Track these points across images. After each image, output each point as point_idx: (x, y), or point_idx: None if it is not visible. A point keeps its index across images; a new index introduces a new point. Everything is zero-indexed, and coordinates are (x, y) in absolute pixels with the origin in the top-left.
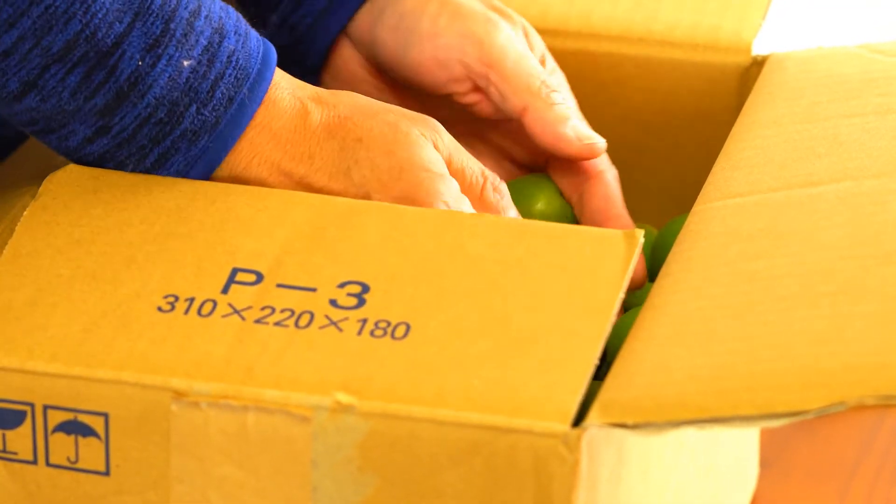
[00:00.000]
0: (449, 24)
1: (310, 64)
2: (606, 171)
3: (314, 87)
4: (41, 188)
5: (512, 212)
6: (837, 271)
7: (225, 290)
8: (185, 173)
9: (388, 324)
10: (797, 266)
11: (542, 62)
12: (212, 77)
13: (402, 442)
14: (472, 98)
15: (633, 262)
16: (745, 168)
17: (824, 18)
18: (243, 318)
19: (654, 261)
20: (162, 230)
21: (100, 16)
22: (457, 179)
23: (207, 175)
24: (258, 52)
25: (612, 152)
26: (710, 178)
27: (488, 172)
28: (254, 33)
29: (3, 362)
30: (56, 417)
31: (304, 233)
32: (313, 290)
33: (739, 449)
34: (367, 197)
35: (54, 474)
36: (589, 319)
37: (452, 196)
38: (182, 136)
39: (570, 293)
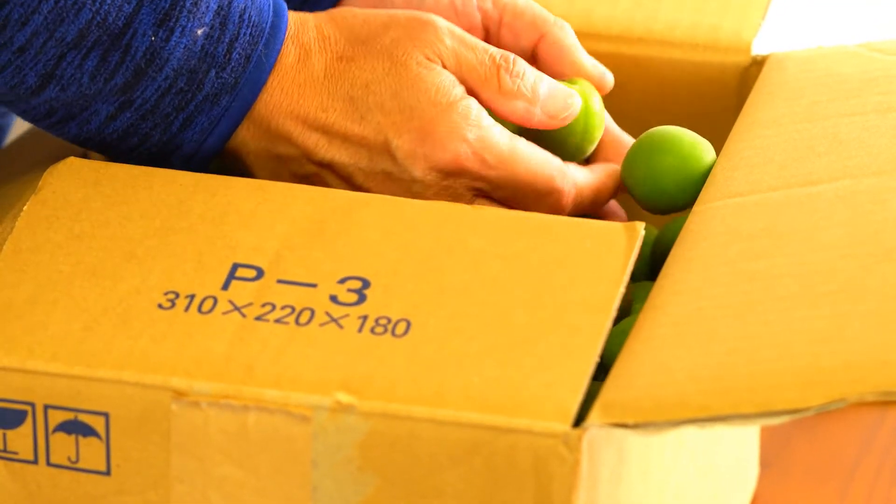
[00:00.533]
0: None
1: None
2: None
3: (314, 17)
4: (41, 181)
5: (543, 85)
6: (837, 270)
7: (225, 287)
8: (210, 132)
9: (389, 320)
10: (797, 265)
11: None
12: (227, 40)
13: (402, 442)
14: None
15: (634, 256)
16: (745, 168)
17: (824, 18)
18: (244, 315)
19: (654, 261)
20: (162, 224)
21: (109, 0)
22: (470, 78)
23: (232, 131)
24: (269, 6)
25: None
26: (710, 178)
27: (500, 57)
28: None
29: (3, 362)
30: (56, 417)
31: (304, 227)
32: (314, 285)
33: (739, 449)
34: (386, 140)
35: (55, 474)
36: (590, 315)
37: (471, 123)
38: (204, 100)
39: (570, 288)
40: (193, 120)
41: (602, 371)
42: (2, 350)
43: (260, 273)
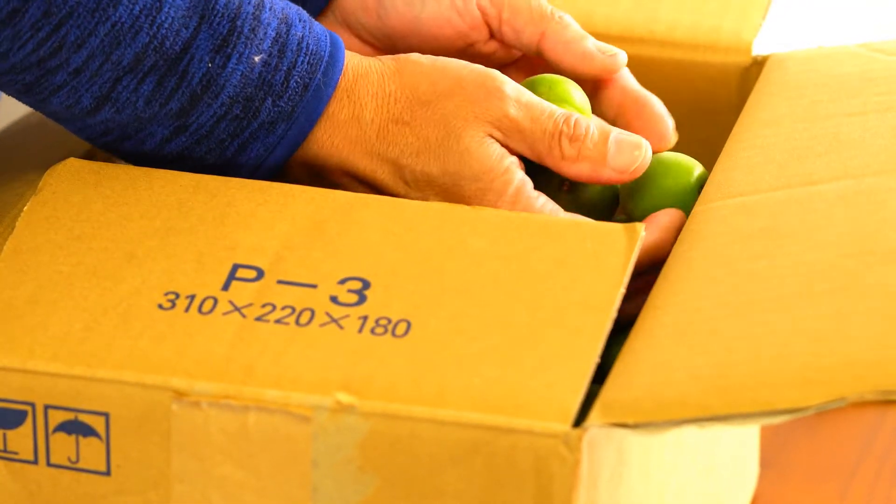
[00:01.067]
0: None
1: None
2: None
3: (380, 65)
4: (41, 182)
5: (610, 142)
6: (837, 269)
7: (225, 287)
8: (266, 158)
9: (389, 321)
10: (797, 265)
11: None
12: (284, 68)
13: (403, 442)
14: (491, 46)
15: (634, 256)
16: (745, 168)
17: (824, 18)
18: (244, 316)
19: None
20: (163, 225)
21: (166, 25)
22: (535, 149)
23: (288, 157)
24: (325, 36)
25: None
26: (711, 178)
27: (563, 122)
28: (316, 22)
29: (3, 362)
30: (57, 417)
31: (304, 227)
32: (314, 286)
33: (739, 449)
34: (426, 199)
35: (55, 474)
36: (590, 315)
37: (507, 200)
38: (260, 128)
39: (570, 288)
40: (248, 146)
41: (601, 374)
42: (2, 350)
43: (260, 274)
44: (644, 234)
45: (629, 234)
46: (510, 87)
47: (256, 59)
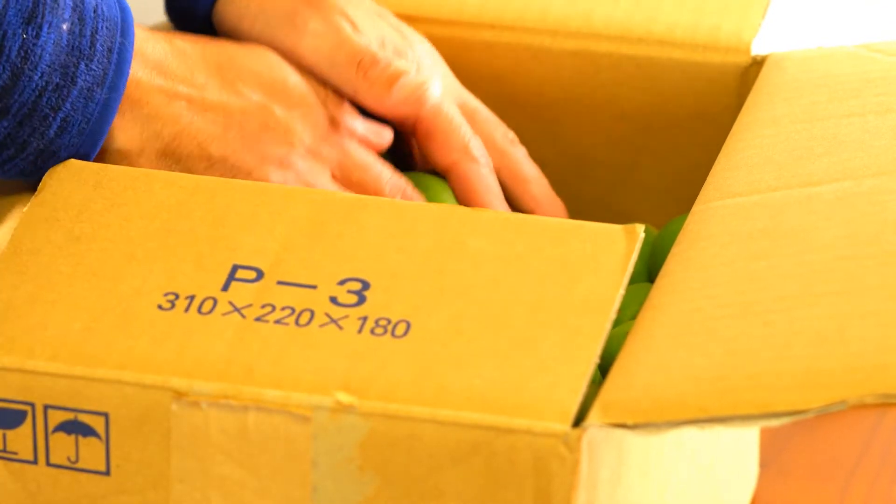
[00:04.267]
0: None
1: None
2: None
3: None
4: (41, 183)
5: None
6: (837, 271)
7: (225, 288)
8: (86, 131)
9: (389, 321)
10: (797, 266)
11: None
12: (88, 33)
13: (403, 442)
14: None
15: (634, 258)
16: (744, 168)
17: (824, 18)
18: (244, 317)
19: (654, 261)
20: (162, 226)
21: None
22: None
23: (108, 126)
24: (114, 1)
25: (613, 152)
26: (710, 178)
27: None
28: None
29: (3, 362)
30: (56, 417)
31: (304, 228)
32: (314, 287)
33: (739, 449)
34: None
35: (55, 474)
36: (589, 316)
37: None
38: (79, 96)
39: (570, 289)
40: (70, 122)
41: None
42: (2, 350)
43: (260, 275)
44: (643, 234)
45: (628, 236)
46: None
47: (64, 27)
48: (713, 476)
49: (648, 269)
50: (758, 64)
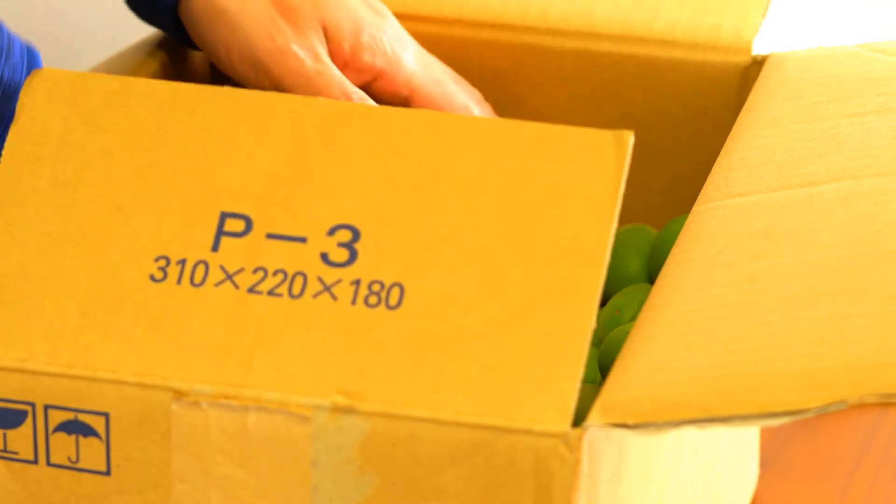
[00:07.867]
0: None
1: None
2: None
3: None
4: (18, 103)
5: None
6: (837, 271)
7: (215, 248)
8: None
9: (382, 286)
10: (797, 266)
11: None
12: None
13: (403, 442)
14: None
15: (625, 169)
16: (744, 168)
17: (824, 18)
18: (237, 287)
19: (654, 261)
20: (144, 161)
21: None
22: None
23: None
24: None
25: None
26: (710, 178)
27: None
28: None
29: (3, 362)
30: (57, 417)
31: (288, 155)
32: (303, 240)
33: (739, 449)
34: None
35: (55, 474)
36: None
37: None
38: None
39: (563, 224)
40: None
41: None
42: (1, 348)
43: (248, 225)
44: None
45: (618, 143)
46: None
47: None
48: (713, 476)
49: (648, 269)
50: (758, 63)
